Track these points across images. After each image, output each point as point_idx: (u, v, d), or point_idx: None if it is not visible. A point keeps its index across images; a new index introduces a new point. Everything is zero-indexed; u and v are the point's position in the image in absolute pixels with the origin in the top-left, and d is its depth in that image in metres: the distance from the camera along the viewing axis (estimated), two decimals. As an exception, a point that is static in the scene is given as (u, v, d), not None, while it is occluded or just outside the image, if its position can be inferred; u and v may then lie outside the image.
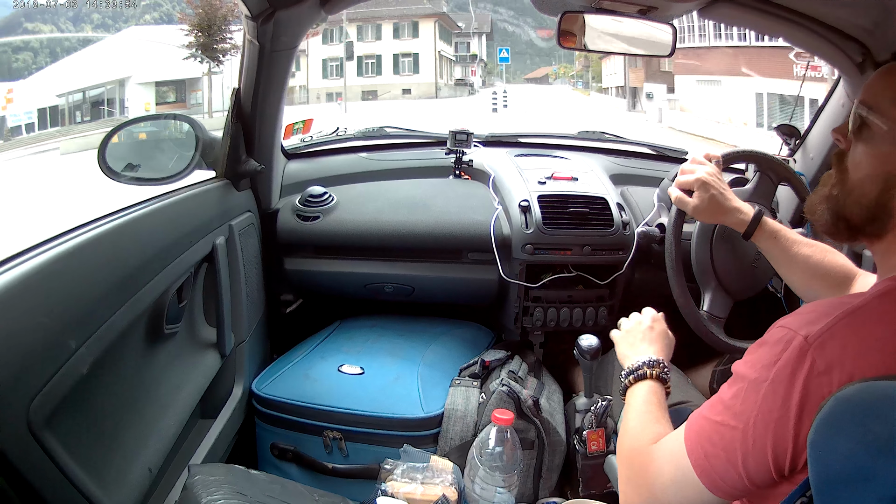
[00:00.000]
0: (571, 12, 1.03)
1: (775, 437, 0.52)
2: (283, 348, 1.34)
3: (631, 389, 0.78)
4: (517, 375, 1.18)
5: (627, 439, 0.70)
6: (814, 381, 0.50)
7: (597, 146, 1.66)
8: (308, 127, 1.64)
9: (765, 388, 0.53)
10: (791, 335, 0.52)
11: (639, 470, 0.64)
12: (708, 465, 0.56)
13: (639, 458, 0.65)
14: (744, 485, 0.55)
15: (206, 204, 1.04)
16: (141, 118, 1.20)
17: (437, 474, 1.02)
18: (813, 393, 0.50)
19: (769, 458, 0.52)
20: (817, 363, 0.50)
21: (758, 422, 0.53)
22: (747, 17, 1.07)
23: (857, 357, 0.49)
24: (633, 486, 0.65)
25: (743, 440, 0.54)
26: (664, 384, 0.77)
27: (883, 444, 0.45)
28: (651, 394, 0.75)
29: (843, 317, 0.51)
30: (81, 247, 0.68)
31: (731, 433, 0.55)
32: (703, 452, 0.57)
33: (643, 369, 0.78)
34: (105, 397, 0.74)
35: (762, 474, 0.53)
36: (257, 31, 1.03)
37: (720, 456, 0.55)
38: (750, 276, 1.15)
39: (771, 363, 0.53)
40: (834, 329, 0.50)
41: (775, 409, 0.52)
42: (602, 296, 1.33)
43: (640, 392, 0.76)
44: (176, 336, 0.95)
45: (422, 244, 1.29)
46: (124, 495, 0.73)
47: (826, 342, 0.50)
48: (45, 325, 0.60)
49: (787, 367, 0.51)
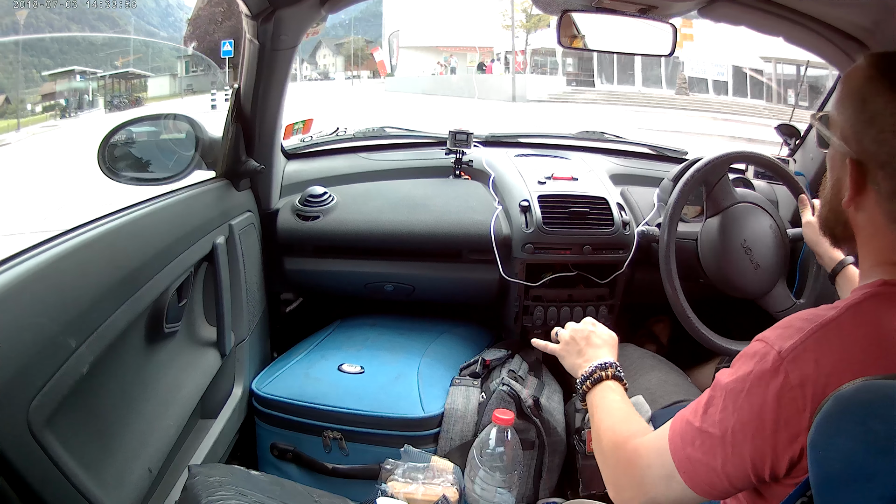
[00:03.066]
0: (571, 11, 1.03)
1: (753, 447, 0.53)
2: (284, 347, 1.34)
3: (591, 394, 0.79)
4: (517, 375, 1.18)
5: (606, 438, 0.70)
6: (787, 394, 0.51)
7: (597, 146, 1.66)
8: (308, 127, 1.64)
9: (741, 400, 0.54)
10: (767, 349, 0.53)
11: (626, 465, 0.65)
12: (691, 468, 0.57)
13: (623, 454, 0.66)
14: (726, 487, 0.56)
15: (206, 204, 1.04)
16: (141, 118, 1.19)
17: (437, 474, 1.02)
18: (786, 407, 0.51)
19: (748, 466, 0.54)
20: (790, 377, 0.51)
21: (735, 431, 0.54)
22: (747, 17, 1.07)
23: (831, 371, 0.50)
24: (622, 482, 0.66)
25: (722, 447, 0.55)
26: (621, 382, 0.79)
27: (883, 444, 0.44)
28: (613, 392, 0.77)
29: (816, 330, 0.52)
30: (81, 247, 0.68)
31: (710, 440, 0.56)
32: (686, 455, 0.58)
33: (597, 373, 0.79)
34: (105, 397, 0.74)
35: (743, 480, 0.55)
36: (257, 31, 1.03)
37: (701, 460, 0.57)
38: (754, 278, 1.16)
39: (746, 375, 0.54)
40: (807, 343, 0.51)
41: (751, 420, 0.53)
42: (602, 295, 1.33)
43: (601, 394, 0.77)
44: (176, 335, 0.95)
45: (422, 244, 1.29)
46: (124, 495, 0.73)
47: (799, 356, 0.51)
48: (45, 324, 0.60)
49: (762, 380, 0.52)
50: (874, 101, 0.53)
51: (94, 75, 14.23)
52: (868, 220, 0.56)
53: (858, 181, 0.54)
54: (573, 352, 0.86)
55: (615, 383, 0.78)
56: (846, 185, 0.56)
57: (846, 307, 0.53)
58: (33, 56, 13.43)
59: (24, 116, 11.64)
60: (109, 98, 14.24)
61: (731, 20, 1.10)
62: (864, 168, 0.54)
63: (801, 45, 1.13)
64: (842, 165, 0.56)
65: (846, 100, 0.56)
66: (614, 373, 0.79)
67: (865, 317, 0.52)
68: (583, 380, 0.80)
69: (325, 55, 30.36)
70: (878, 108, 0.53)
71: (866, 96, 0.54)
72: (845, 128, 0.56)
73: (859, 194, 0.55)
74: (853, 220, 0.58)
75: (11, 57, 12.23)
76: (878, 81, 0.53)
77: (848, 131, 0.55)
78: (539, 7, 1.12)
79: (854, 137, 0.55)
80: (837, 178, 0.58)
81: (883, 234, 0.55)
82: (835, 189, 0.59)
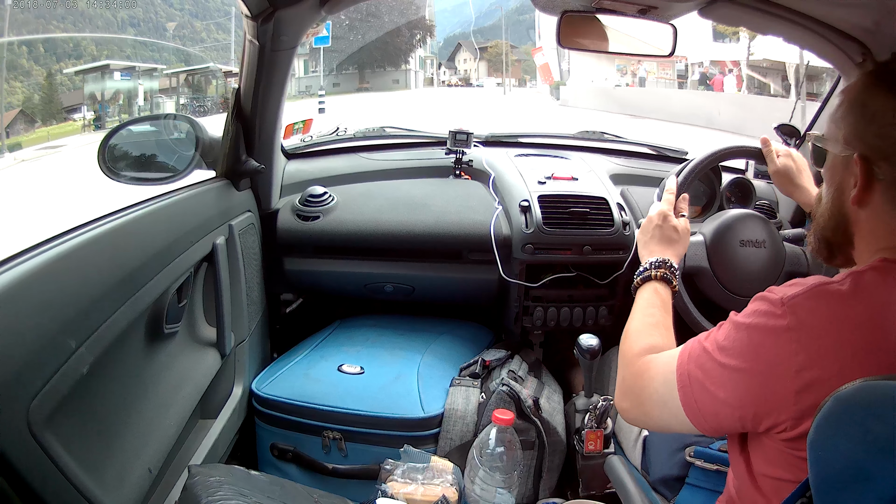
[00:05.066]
0: (572, 12, 1.03)
1: (750, 380, 0.56)
2: (284, 348, 1.34)
3: (639, 291, 0.81)
4: (517, 375, 1.18)
5: (627, 343, 0.73)
6: (783, 335, 0.54)
7: (597, 146, 1.66)
8: (308, 127, 1.64)
9: (745, 333, 0.58)
10: (773, 296, 0.57)
11: (633, 375, 0.68)
12: (690, 389, 0.60)
13: (635, 365, 0.69)
14: (717, 419, 0.59)
15: (206, 203, 1.04)
16: (141, 118, 1.20)
17: (437, 475, 1.02)
18: (783, 346, 0.54)
19: (744, 402, 0.56)
20: (788, 319, 0.55)
21: (738, 364, 0.57)
22: (747, 17, 1.07)
23: (825, 324, 0.53)
24: (625, 388, 0.70)
25: (726, 374, 0.58)
26: (669, 284, 0.80)
27: (883, 445, 0.45)
28: (654, 295, 0.79)
29: (818, 286, 0.56)
30: (81, 247, 0.68)
31: (716, 367, 0.59)
32: (687, 373, 0.61)
33: (648, 270, 0.81)
34: (105, 397, 0.74)
35: (732, 417, 0.58)
36: (257, 31, 1.03)
37: (701, 382, 0.59)
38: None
39: (753, 312, 0.58)
40: (808, 293, 0.55)
41: (752, 355, 0.56)
42: (602, 295, 1.33)
43: (644, 294, 0.80)
44: (176, 336, 0.95)
45: (422, 244, 1.29)
46: (124, 496, 0.73)
47: (799, 304, 0.55)
48: (45, 324, 0.60)
49: (764, 318, 0.56)
50: (873, 103, 0.58)
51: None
52: (871, 213, 0.59)
53: (867, 174, 0.58)
54: (642, 242, 0.89)
55: (662, 285, 0.80)
56: (850, 186, 0.59)
57: (848, 274, 0.57)
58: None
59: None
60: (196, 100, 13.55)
61: (730, 21, 1.10)
62: (869, 162, 0.57)
63: (801, 46, 1.13)
64: (845, 169, 0.60)
65: (847, 110, 0.60)
66: (664, 273, 0.80)
67: (865, 284, 0.55)
68: (636, 274, 0.83)
69: (466, 59, 29.19)
70: (878, 107, 0.57)
71: (866, 100, 0.58)
72: (848, 132, 0.60)
73: (867, 189, 0.58)
74: (855, 220, 0.61)
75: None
76: (875, 87, 0.58)
77: (851, 134, 0.59)
78: (539, 7, 1.12)
79: (857, 138, 0.58)
80: (840, 182, 0.61)
81: (885, 221, 0.58)
82: (837, 194, 0.62)
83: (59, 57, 14.33)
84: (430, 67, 28.93)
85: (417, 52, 27.50)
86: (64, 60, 14.24)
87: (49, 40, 14.02)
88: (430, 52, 28.84)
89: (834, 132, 0.62)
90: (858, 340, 0.52)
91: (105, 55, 15.09)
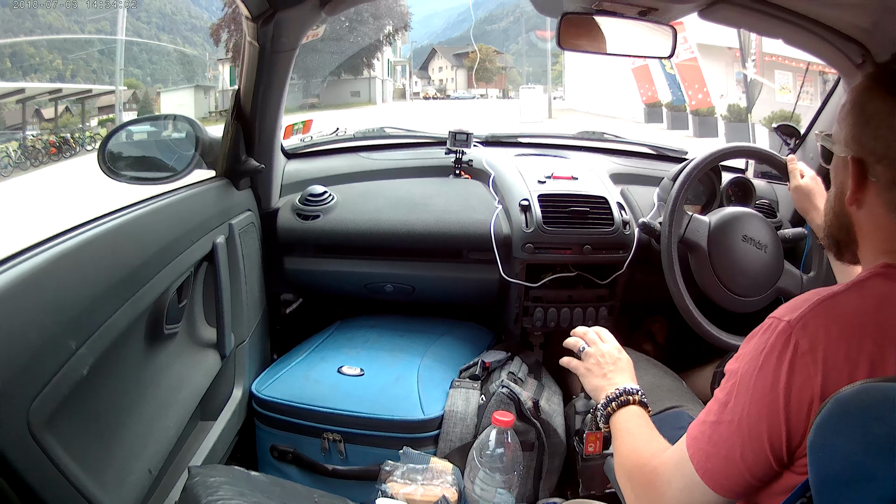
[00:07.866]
0: (572, 14, 1.03)
1: (769, 423, 0.54)
2: (284, 349, 1.34)
3: (616, 416, 0.79)
4: (517, 377, 1.18)
5: (629, 461, 0.70)
6: (799, 360, 0.53)
7: (597, 146, 1.66)
8: (308, 127, 1.64)
9: (755, 377, 0.55)
10: (776, 322, 0.56)
11: (646, 486, 0.65)
12: (710, 466, 0.58)
13: (645, 476, 0.66)
14: (746, 479, 0.56)
15: (206, 203, 1.04)
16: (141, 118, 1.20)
17: (436, 476, 1.02)
18: (798, 373, 0.53)
19: (766, 446, 0.54)
20: (801, 343, 0.53)
21: (751, 411, 0.55)
22: (747, 19, 1.07)
23: (840, 336, 0.52)
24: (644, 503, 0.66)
25: (739, 433, 0.56)
26: (646, 408, 0.80)
27: (883, 446, 0.45)
28: (639, 417, 0.77)
29: (824, 300, 0.55)
30: (81, 246, 0.68)
31: (727, 429, 0.57)
32: (704, 455, 0.59)
33: (624, 396, 0.80)
34: (105, 398, 0.74)
35: (762, 464, 0.55)
36: (257, 33, 1.03)
37: (720, 454, 0.57)
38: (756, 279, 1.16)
39: (759, 352, 0.56)
40: (815, 311, 0.54)
41: (766, 394, 0.54)
42: (602, 296, 1.33)
43: (626, 416, 0.78)
44: (176, 336, 0.95)
45: (422, 243, 1.29)
46: (124, 496, 0.73)
47: (808, 323, 0.53)
48: (45, 325, 0.60)
49: (774, 351, 0.54)
50: (871, 105, 0.58)
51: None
52: (869, 215, 0.59)
53: (859, 175, 0.58)
54: (598, 374, 0.86)
55: (639, 408, 0.79)
56: (848, 186, 0.59)
57: (851, 283, 0.56)
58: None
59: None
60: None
61: (730, 22, 1.11)
62: (863, 163, 0.58)
63: (801, 48, 1.13)
64: (844, 168, 0.61)
65: (847, 112, 0.61)
66: (640, 398, 0.80)
67: (870, 291, 0.55)
68: (607, 402, 0.81)
69: (442, 67, 24.23)
70: (874, 109, 0.58)
71: (864, 102, 0.59)
72: (846, 134, 0.60)
73: (860, 189, 0.58)
74: (856, 220, 0.61)
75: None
76: (873, 89, 0.59)
77: (848, 136, 0.60)
78: (538, 9, 1.12)
79: (853, 139, 0.59)
80: (840, 183, 0.62)
81: (884, 225, 0.58)
82: (838, 193, 0.62)
83: (24, 71, 14.06)
84: (400, 76, 22.82)
85: (385, 55, 20.45)
86: (30, 75, 14.01)
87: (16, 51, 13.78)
88: (401, 56, 22.71)
89: (837, 133, 0.62)
90: (870, 347, 0.52)
91: (71, 70, 14.83)
